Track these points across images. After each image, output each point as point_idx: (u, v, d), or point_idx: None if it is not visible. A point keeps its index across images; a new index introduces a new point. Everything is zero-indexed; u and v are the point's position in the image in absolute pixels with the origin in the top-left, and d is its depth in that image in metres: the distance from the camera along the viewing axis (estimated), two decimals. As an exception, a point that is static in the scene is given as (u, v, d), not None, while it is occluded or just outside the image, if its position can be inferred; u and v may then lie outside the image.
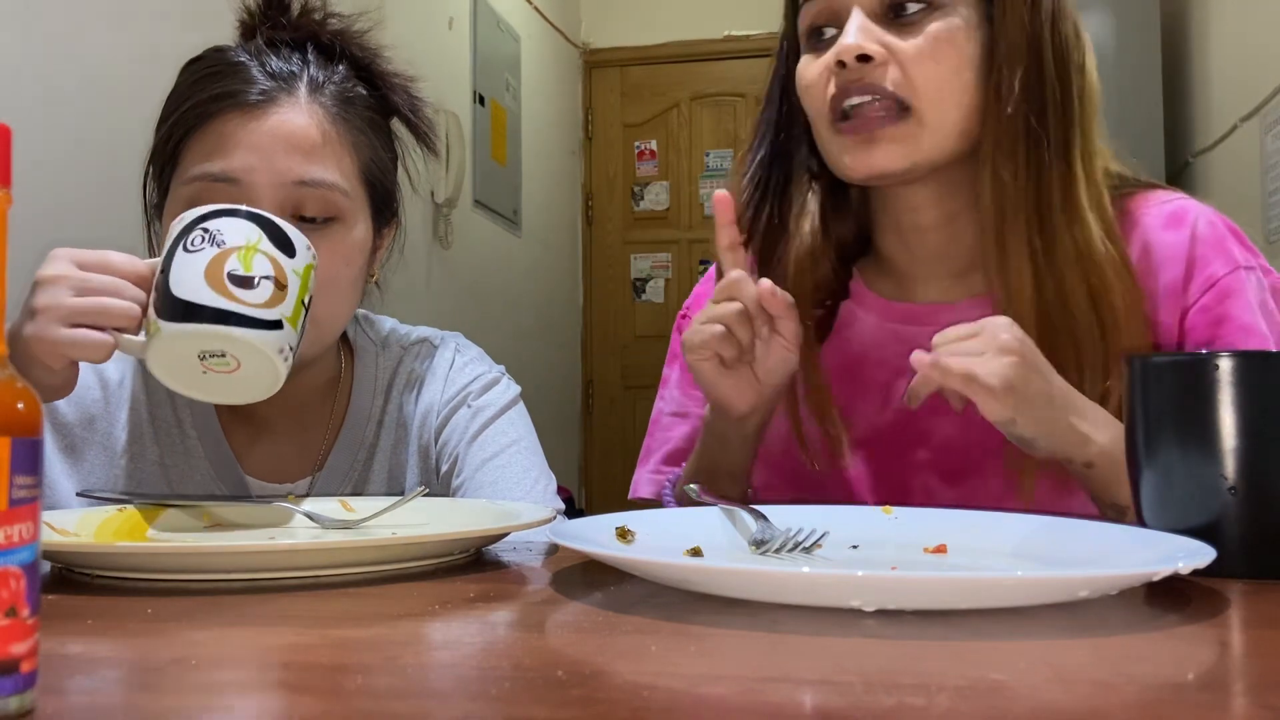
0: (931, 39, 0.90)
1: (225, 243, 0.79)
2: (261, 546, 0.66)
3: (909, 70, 0.90)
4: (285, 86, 0.93)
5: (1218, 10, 3.40)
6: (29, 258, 0.79)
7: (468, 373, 1.07)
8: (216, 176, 0.90)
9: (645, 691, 0.41)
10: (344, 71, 0.98)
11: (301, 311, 0.81)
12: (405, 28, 3.16)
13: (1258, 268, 0.94)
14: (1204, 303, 0.92)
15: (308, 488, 1.01)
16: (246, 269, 0.78)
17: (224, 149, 0.90)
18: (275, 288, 0.79)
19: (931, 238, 0.99)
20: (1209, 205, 0.98)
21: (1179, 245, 0.94)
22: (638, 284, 4.98)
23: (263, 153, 0.90)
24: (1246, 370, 0.63)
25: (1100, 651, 0.46)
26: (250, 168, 0.90)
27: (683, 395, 1.11)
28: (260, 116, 0.91)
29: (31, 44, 1.76)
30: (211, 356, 0.78)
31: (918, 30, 0.90)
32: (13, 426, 0.37)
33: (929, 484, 0.97)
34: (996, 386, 0.77)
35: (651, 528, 0.71)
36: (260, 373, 0.80)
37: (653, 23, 4.89)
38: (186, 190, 0.91)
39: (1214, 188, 3.31)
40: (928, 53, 0.90)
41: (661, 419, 1.12)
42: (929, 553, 0.70)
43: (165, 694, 0.41)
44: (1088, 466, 0.83)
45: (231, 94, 0.91)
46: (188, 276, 0.78)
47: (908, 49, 0.90)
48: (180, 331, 0.77)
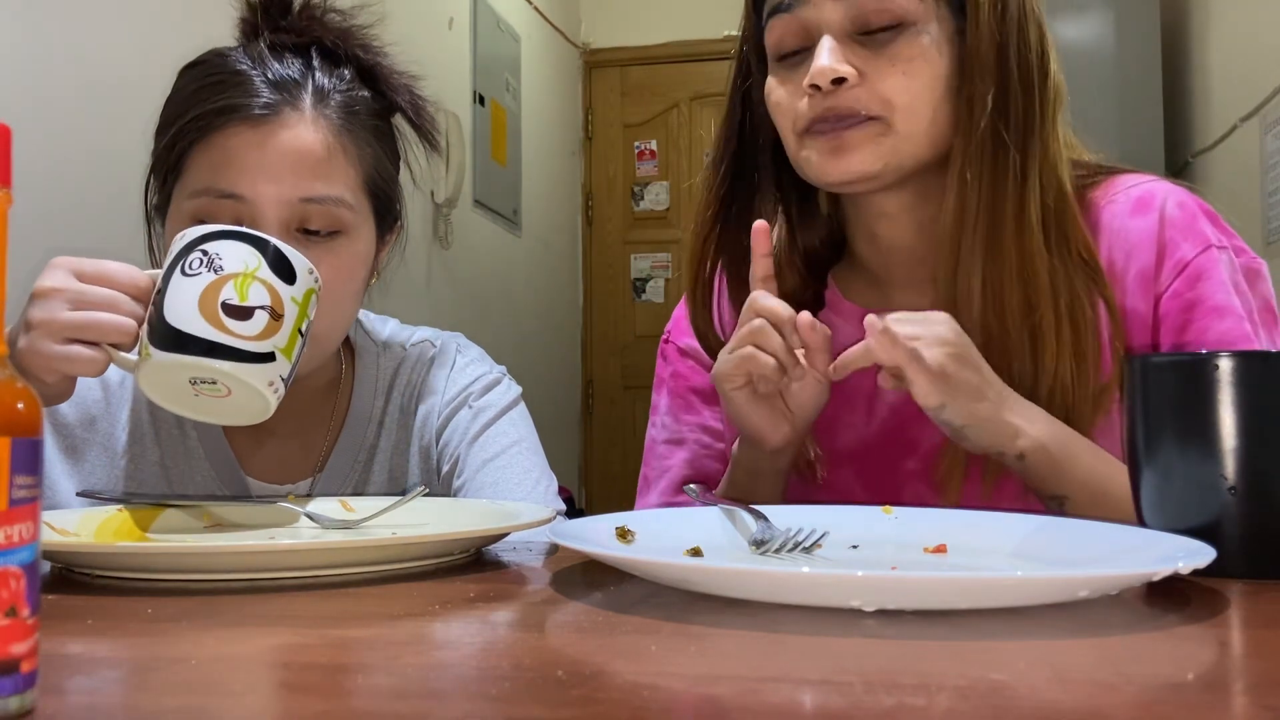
0: (903, 58, 0.89)
1: (223, 269, 0.78)
2: (261, 546, 0.66)
3: (881, 89, 0.89)
4: (290, 98, 0.92)
5: (1218, 10, 3.40)
6: (31, 255, 0.79)
7: (469, 373, 1.07)
8: (222, 193, 0.89)
9: (645, 691, 0.41)
10: (348, 76, 0.97)
11: (297, 340, 0.81)
12: (405, 28, 3.16)
13: (1229, 247, 0.93)
14: (1176, 287, 0.91)
15: (309, 489, 1.01)
16: (242, 298, 0.78)
17: (230, 165, 0.89)
18: (270, 318, 0.79)
19: (905, 245, 0.98)
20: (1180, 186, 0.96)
21: (1147, 230, 0.93)
22: (638, 284, 4.98)
23: (269, 171, 0.89)
24: (1246, 370, 0.63)
25: (1100, 651, 0.46)
26: (256, 186, 0.89)
27: (674, 421, 1.09)
28: (266, 131, 0.90)
29: (31, 44, 1.76)
30: (203, 383, 0.78)
31: (888, 50, 0.89)
32: (13, 426, 0.37)
33: (920, 492, 0.97)
34: (933, 370, 0.79)
35: (651, 528, 0.71)
36: (251, 401, 0.80)
37: (653, 23, 4.89)
38: (191, 205, 0.90)
39: (1214, 188, 3.30)
40: (899, 70, 0.89)
41: (656, 447, 1.09)
42: (929, 553, 0.70)
43: (165, 694, 0.41)
44: (1020, 458, 0.83)
45: (235, 107, 0.90)
46: (182, 304, 0.77)
47: (880, 68, 0.89)
48: (170, 361, 0.77)
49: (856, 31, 0.90)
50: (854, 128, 0.90)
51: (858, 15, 0.89)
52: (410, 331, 1.11)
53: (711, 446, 1.07)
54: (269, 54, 0.94)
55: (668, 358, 1.11)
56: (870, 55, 0.90)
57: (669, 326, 1.13)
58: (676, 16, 4.85)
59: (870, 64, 0.89)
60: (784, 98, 0.94)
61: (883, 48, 0.90)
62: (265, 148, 0.89)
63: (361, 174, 0.95)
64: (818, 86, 0.89)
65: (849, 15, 0.90)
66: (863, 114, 0.89)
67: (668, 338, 1.12)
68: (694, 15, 4.81)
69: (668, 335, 1.12)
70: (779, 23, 0.93)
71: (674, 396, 1.09)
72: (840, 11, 0.90)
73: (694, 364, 1.09)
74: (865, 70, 0.89)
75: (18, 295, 0.74)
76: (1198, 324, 0.90)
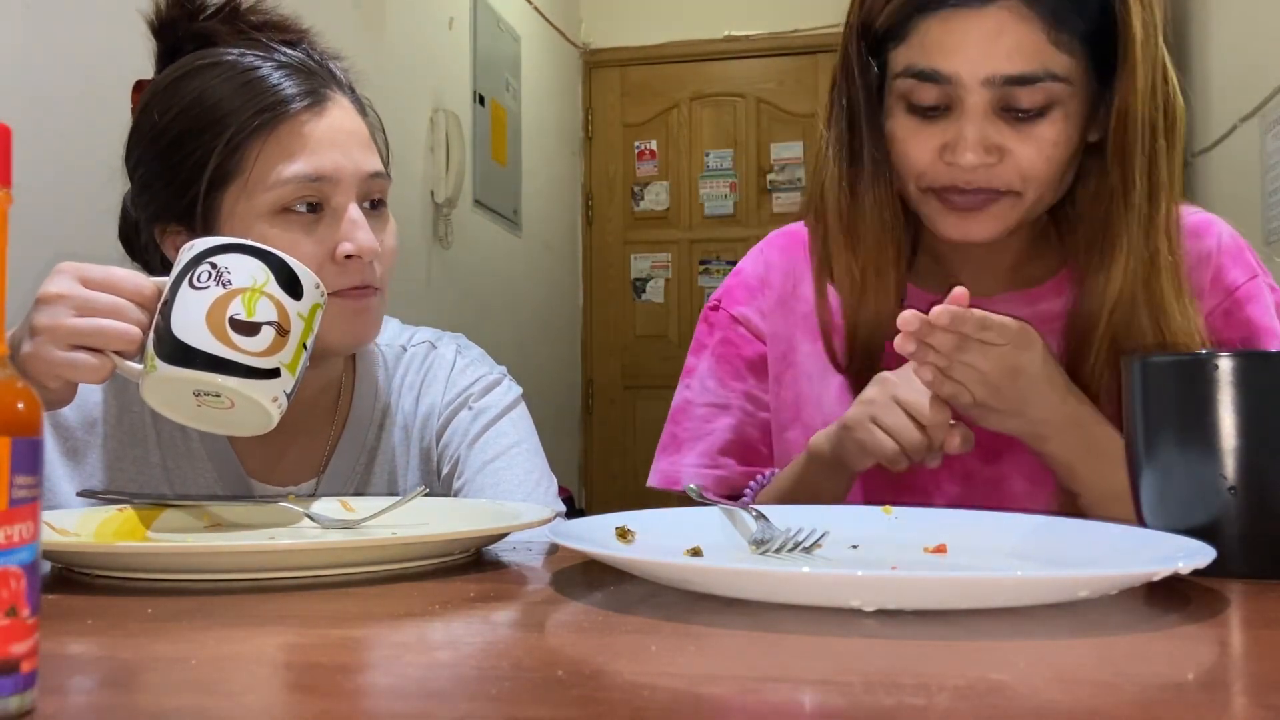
0: (1048, 144, 0.90)
1: (231, 283, 0.78)
2: (261, 546, 0.66)
3: (1021, 166, 0.91)
4: (323, 83, 0.95)
5: (1218, 10, 3.40)
6: (31, 256, 0.79)
7: (469, 374, 1.07)
8: (309, 177, 0.91)
9: (645, 691, 0.41)
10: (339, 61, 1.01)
11: (302, 355, 0.81)
12: (405, 28, 3.16)
13: (1265, 282, 1.01)
14: (1226, 306, 0.99)
15: (311, 490, 1.01)
16: (249, 314, 0.78)
17: (307, 148, 0.92)
18: (277, 334, 0.79)
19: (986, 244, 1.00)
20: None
21: (1205, 252, 1.00)
22: (638, 284, 4.98)
23: (341, 149, 0.93)
24: (1246, 370, 0.63)
25: (1100, 651, 0.46)
26: (338, 165, 0.92)
27: (719, 386, 1.09)
28: (323, 114, 0.94)
29: (32, 44, 1.76)
30: (206, 395, 0.79)
31: (1032, 131, 0.90)
32: (13, 426, 0.37)
33: (968, 464, 0.99)
34: (966, 402, 0.85)
35: (651, 528, 0.71)
36: (253, 415, 0.80)
37: (653, 23, 4.89)
38: (271, 196, 0.91)
39: (1214, 188, 3.30)
40: (1042, 157, 0.90)
41: (693, 409, 1.10)
42: (929, 553, 0.70)
43: (165, 694, 0.41)
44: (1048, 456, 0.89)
45: (290, 98, 0.92)
46: (189, 318, 0.77)
47: (1023, 155, 0.90)
48: (176, 375, 0.77)
49: (1000, 109, 0.90)
50: (987, 206, 0.92)
51: (1007, 97, 0.89)
52: (411, 332, 1.11)
53: (755, 415, 1.08)
54: (267, 52, 0.96)
55: (717, 324, 1.12)
56: (1012, 134, 0.90)
57: (719, 294, 1.14)
58: (676, 16, 4.85)
59: (1012, 141, 0.90)
60: (912, 151, 0.94)
61: (1026, 126, 0.90)
62: (330, 128, 0.93)
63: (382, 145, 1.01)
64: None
65: (998, 98, 0.90)
66: (999, 190, 0.91)
67: (717, 305, 1.13)
68: (694, 15, 4.81)
69: (717, 303, 1.13)
70: (917, 86, 0.92)
71: (721, 362, 1.10)
72: (989, 96, 0.89)
73: (745, 333, 1.10)
74: (1006, 147, 0.90)
75: (18, 296, 0.74)
76: (1245, 345, 0.97)
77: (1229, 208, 1.03)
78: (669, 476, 1.09)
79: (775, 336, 1.09)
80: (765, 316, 1.10)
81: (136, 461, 0.99)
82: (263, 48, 0.96)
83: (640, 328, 4.93)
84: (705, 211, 4.88)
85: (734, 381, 1.09)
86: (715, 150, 4.90)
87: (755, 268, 1.13)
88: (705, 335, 1.13)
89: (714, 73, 4.86)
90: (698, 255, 4.88)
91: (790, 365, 1.08)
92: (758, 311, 1.10)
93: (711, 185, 4.88)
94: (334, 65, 0.99)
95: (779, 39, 4.69)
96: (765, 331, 1.10)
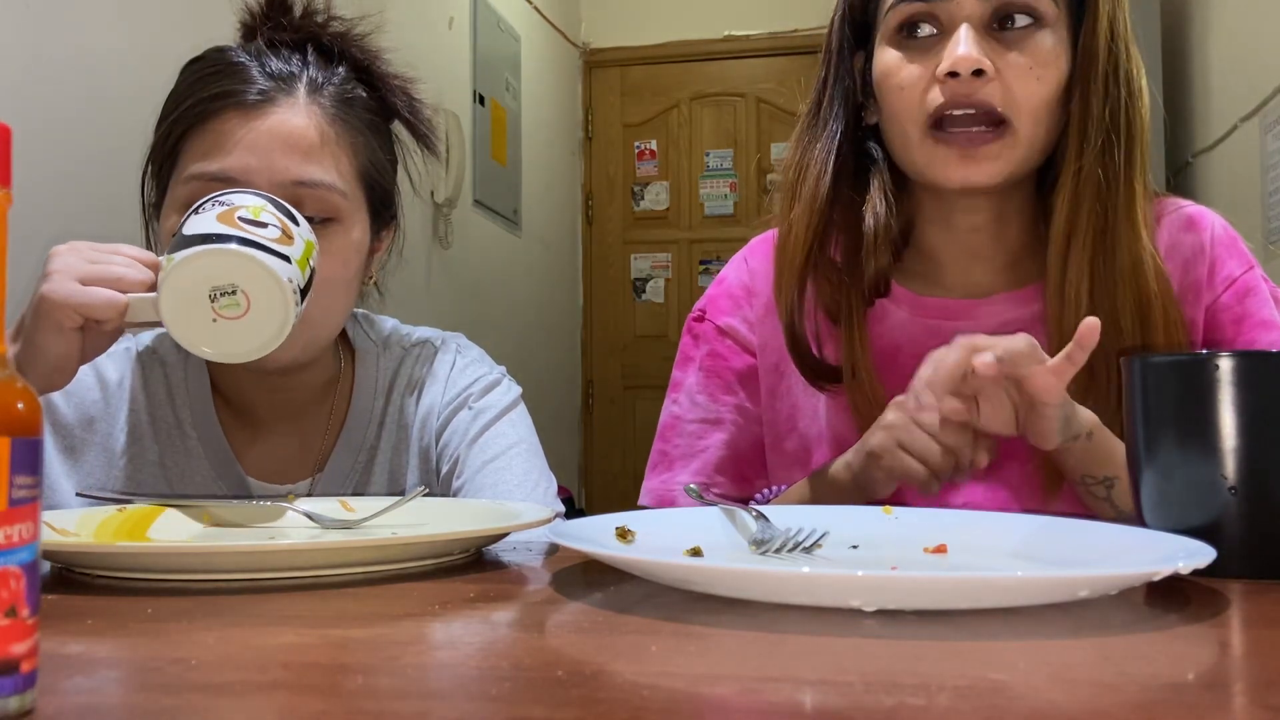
0: (1038, 58, 0.92)
1: (233, 203, 0.83)
2: (261, 546, 0.66)
3: (1014, 88, 0.92)
4: (284, 87, 0.93)
5: (1218, 10, 3.40)
6: (32, 256, 0.79)
7: (469, 374, 1.07)
8: (214, 176, 0.90)
9: (645, 691, 0.41)
10: (343, 73, 0.98)
11: (307, 268, 0.84)
12: (405, 28, 3.16)
13: (1259, 272, 1.01)
14: (1225, 300, 0.98)
15: (309, 489, 1.01)
16: (256, 216, 0.82)
17: (222, 148, 0.91)
18: (283, 233, 0.82)
19: (980, 235, 1.01)
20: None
21: (1199, 245, 1.00)
22: (638, 284, 4.98)
23: (260, 152, 0.91)
24: (1246, 370, 0.63)
25: (1100, 651, 0.46)
26: (247, 167, 0.90)
27: (710, 400, 1.07)
28: (259, 116, 0.92)
29: (32, 44, 1.76)
30: (223, 295, 0.79)
31: (1022, 46, 0.92)
32: (13, 426, 0.37)
33: None
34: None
35: (651, 528, 0.71)
36: (270, 310, 0.80)
37: (653, 23, 4.89)
38: (184, 190, 0.91)
39: (1214, 188, 3.30)
40: (1033, 74, 0.92)
41: (683, 425, 1.08)
42: (929, 553, 0.70)
43: (165, 694, 0.41)
44: (1089, 436, 0.87)
45: (230, 93, 0.92)
46: (201, 222, 0.81)
47: (1015, 67, 0.92)
48: (194, 254, 0.78)
49: (991, 23, 0.92)
50: (986, 143, 0.92)
51: (1000, 6, 0.92)
52: (410, 331, 1.11)
53: (746, 429, 1.07)
54: (266, 49, 0.96)
55: (702, 336, 1.10)
56: (1004, 51, 0.92)
57: (703, 305, 1.12)
58: (676, 16, 4.85)
59: (1004, 60, 0.92)
60: (910, 80, 0.94)
61: (1017, 44, 0.92)
62: (257, 131, 0.91)
63: (355, 164, 0.96)
64: (955, 74, 0.90)
65: (991, 7, 0.92)
66: (996, 108, 0.91)
67: (701, 316, 1.11)
68: (694, 15, 4.81)
69: (701, 314, 1.11)
70: (910, 8, 0.94)
71: (710, 375, 1.08)
72: (981, 9, 0.92)
73: (733, 344, 1.08)
74: (999, 66, 0.92)
75: (18, 296, 0.74)
76: (1246, 336, 0.97)
77: (1229, 208, 1.03)
78: (661, 496, 1.06)
79: (765, 347, 1.07)
80: (753, 326, 1.08)
81: (134, 459, 0.99)
82: (264, 47, 0.96)
83: (640, 328, 4.93)
84: (705, 211, 4.88)
85: (724, 395, 1.07)
86: (715, 150, 4.90)
87: (739, 275, 1.10)
88: (691, 348, 1.11)
89: (714, 72, 4.86)
90: (698, 255, 4.88)
91: (783, 376, 1.06)
92: (744, 321, 1.08)
93: (711, 185, 4.88)
94: (321, 73, 0.96)
95: (779, 39, 4.69)
96: (754, 342, 1.08)
